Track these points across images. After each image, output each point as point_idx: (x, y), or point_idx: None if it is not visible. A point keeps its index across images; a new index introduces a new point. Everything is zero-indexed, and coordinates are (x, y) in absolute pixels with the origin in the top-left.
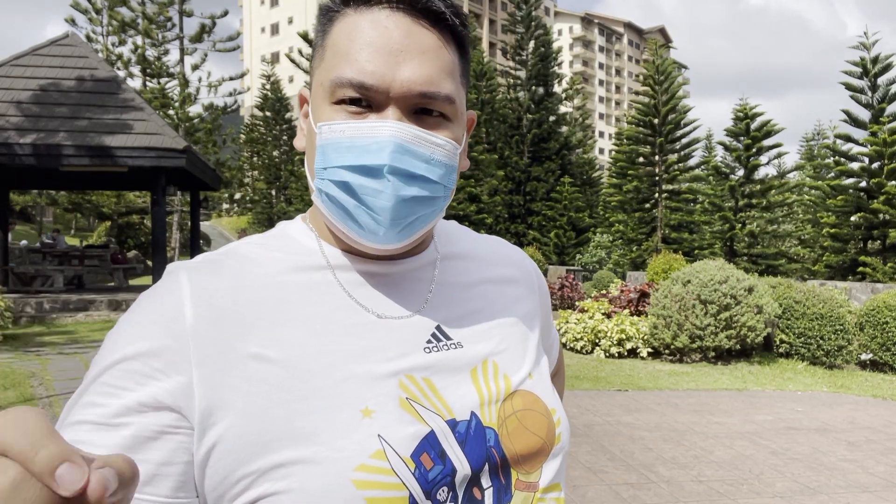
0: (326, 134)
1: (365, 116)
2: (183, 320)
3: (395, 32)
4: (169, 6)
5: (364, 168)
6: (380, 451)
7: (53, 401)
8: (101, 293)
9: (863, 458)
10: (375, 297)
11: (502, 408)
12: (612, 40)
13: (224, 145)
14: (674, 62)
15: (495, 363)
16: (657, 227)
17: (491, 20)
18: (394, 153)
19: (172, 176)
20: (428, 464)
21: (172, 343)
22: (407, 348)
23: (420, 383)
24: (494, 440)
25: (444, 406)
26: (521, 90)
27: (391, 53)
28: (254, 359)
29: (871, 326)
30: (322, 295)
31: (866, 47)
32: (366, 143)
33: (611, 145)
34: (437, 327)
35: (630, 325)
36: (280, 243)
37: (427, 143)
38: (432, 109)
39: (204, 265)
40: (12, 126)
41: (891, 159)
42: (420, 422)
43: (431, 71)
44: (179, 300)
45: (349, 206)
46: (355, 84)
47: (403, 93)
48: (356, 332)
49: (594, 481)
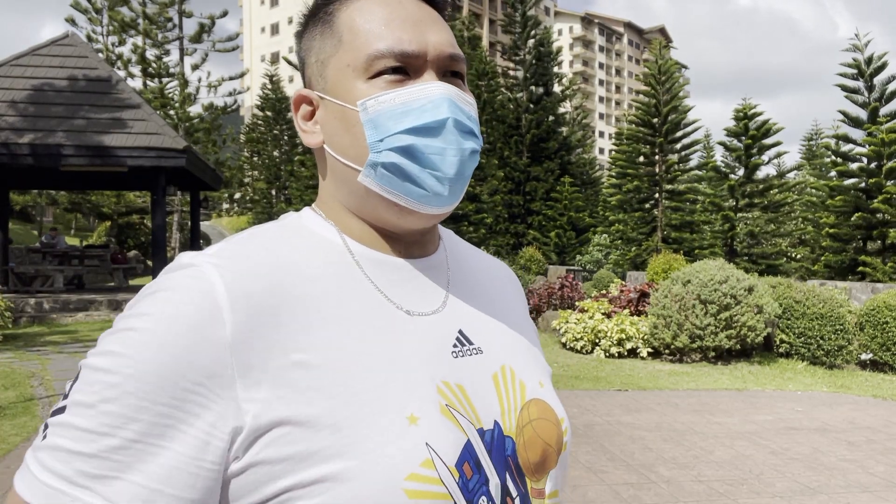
0: (375, 106)
1: (404, 83)
2: (223, 328)
3: (408, 6)
4: (169, 6)
5: (426, 128)
6: (428, 461)
7: (53, 401)
8: (101, 293)
9: (863, 458)
10: (404, 293)
11: (520, 416)
12: (612, 40)
13: (224, 145)
14: (676, 62)
15: (512, 369)
16: (657, 227)
17: (491, 20)
18: (451, 107)
19: (172, 176)
20: (468, 473)
21: (215, 355)
22: (438, 352)
23: (454, 389)
24: (511, 449)
25: (474, 414)
26: (520, 90)
27: (416, 23)
28: (297, 366)
29: (871, 326)
30: (353, 291)
31: (859, 48)
32: (421, 104)
33: (611, 145)
34: (459, 331)
35: (630, 325)
36: (301, 237)
37: (465, 101)
38: (457, 72)
39: (231, 259)
40: (12, 126)
41: (889, 159)
42: (459, 430)
43: (450, 36)
44: (215, 303)
45: (413, 171)
46: (396, 53)
47: (437, 55)
48: (390, 331)
49: (594, 481)
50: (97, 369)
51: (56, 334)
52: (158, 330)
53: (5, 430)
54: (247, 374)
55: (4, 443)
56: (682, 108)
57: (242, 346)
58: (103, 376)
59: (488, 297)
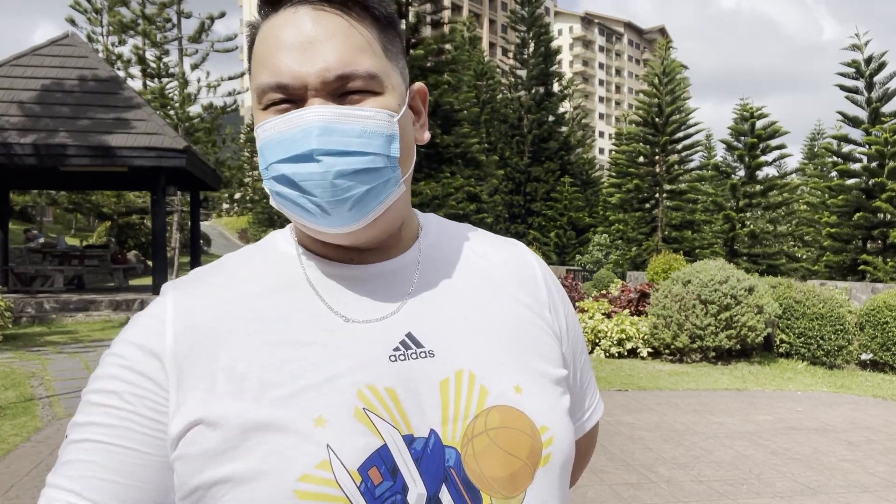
0: (261, 135)
1: (288, 112)
2: (163, 340)
3: (302, 26)
4: (168, 7)
5: (296, 157)
6: (325, 462)
7: (53, 401)
8: (101, 293)
9: (863, 458)
10: (348, 300)
11: (471, 425)
12: (612, 40)
13: (224, 145)
14: (679, 63)
15: (472, 374)
16: (657, 227)
17: (491, 20)
18: (320, 136)
19: (172, 176)
20: (376, 478)
21: (155, 363)
22: (371, 356)
23: (381, 394)
24: (455, 460)
25: (403, 420)
26: (522, 90)
27: (300, 48)
28: (222, 372)
29: (871, 326)
30: (295, 302)
31: (859, 48)
32: (292, 134)
33: (611, 145)
34: (407, 334)
35: (630, 325)
36: (264, 254)
37: (354, 118)
38: (357, 88)
39: (189, 283)
40: (13, 126)
41: (892, 158)
42: (374, 434)
43: (343, 53)
44: (162, 321)
45: (294, 197)
46: (273, 86)
47: (319, 81)
48: (321, 338)
49: (594, 481)
50: (90, 391)
51: (56, 334)
52: (124, 350)
53: (5, 430)
54: (181, 380)
55: (4, 443)
56: (685, 109)
57: (178, 357)
58: (95, 397)
59: (468, 298)
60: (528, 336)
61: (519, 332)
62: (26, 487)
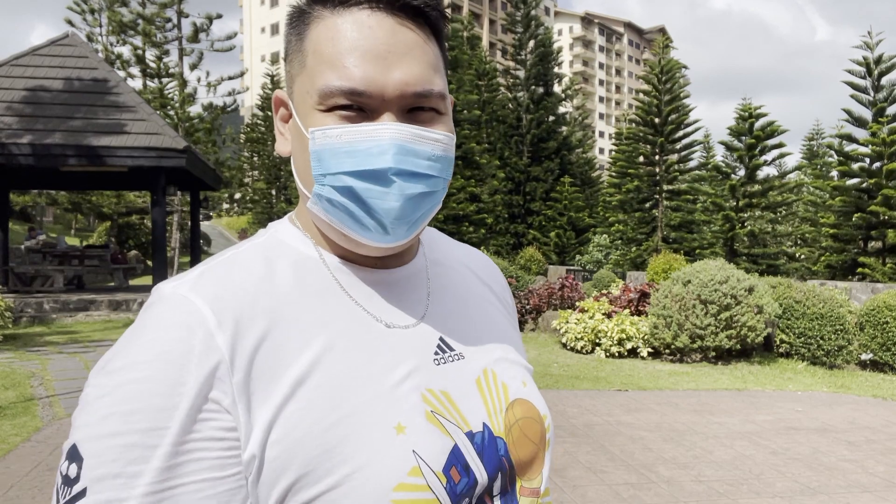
0: (321, 139)
1: (359, 120)
2: (220, 353)
3: (380, 33)
4: (168, 7)
5: (369, 173)
6: (416, 468)
7: (53, 401)
8: (101, 293)
9: (863, 458)
10: (382, 305)
11: (506, 417)
12: (612, 40)
13: (224, 145)
14: (677, 62)
15: (494, 372)
16: (657, 227)
17: (491, 20)
18: (397, 155)
19: (172, 176)
20: (456, 477)
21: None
22: (420, 361)
23: (439, 396)
24: (504, 449)
25: (461, 418)
26: (521, 90)
27: (379, 56)
28: (290, 388)
29: (871, 326)
30: (334, 308)
31: (870, 47)
32: (367, 147)
33: (611, 145)
34: (440, 339)
35: (630, 325)
36: (279, 253)
37: (427, 141)
38: (426, 107)
39: (212, 288)
40: (12, 126)
41: (890, 160)
42: (446, 435)
43: (422, 69)
44: (209, 332)
45: (355, 210)
46: (346, 91)
47: (398, 96)
48: (372, 345)
49: (594, 481)
50: (113, 434)
51: (56, 334)
52: (156, 377)
53: (5, 430)
54: (248, 397)
55: (4, 443)
56: (684, 108)
57: (240, 371)
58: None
59: (468, 301)
60: (512, 334)
61: (507, 330)
62: (26, 487)
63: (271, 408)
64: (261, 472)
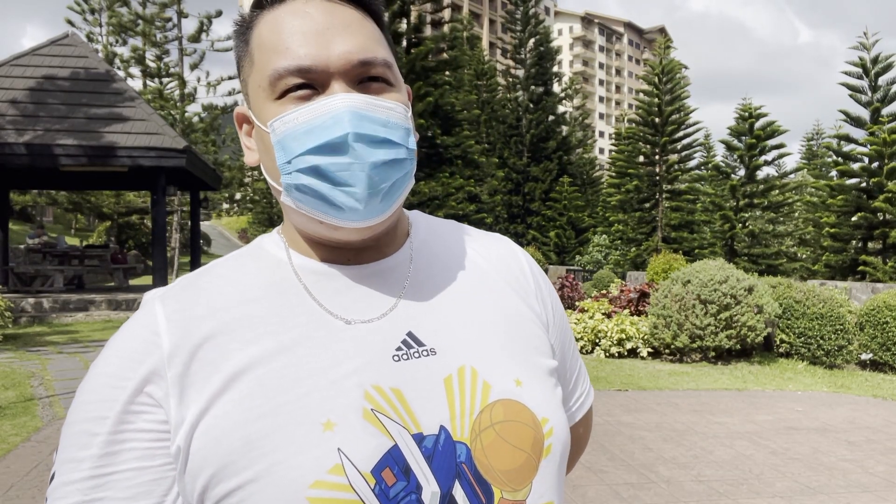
0: (280, 127)
1: (311, 99)
2: (160, 351)
3: (317, 15)
4: (168, 7)
5: (328, 145)
6: (338, 466)
7: (53, 401)
8: (101, 293)
9: (863, 458)
10: (345, 301)
11: (478, 420)
12: (612, 40)
13: (224, 145)
14: (678, 62)
15: (474, 370)
16: (657, 227)
17: (491, 20)
18: (353, 120)
19: (172, 176)
20: (390, 479)
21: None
22: (375, 357)
23: (388, 394)
24: (466, 456)
25: (411, 419)
26: (520, 90)
27: (319, 33)
28: (225, 382)
29: (871, 326)
30: (292, 307)
31: (866, 47)
32: (322, 121)
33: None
34: (408, 333)
35: (630, 325)
36: (253, 258)
37: (381, 108)
38: (375, 76)
39: (178, 292)
40: (12, 126)
41: (891, 159)
42: (384, 435)
43: (362, 39)
44: (156, 333)
45: (324, 190)
46: (293, 70)
47: (343, 65)
48: (324, 341)
49: (594, 481)
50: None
51: (56, 334)
52: (110, 372)
53: (5, 430)
54: (182, 395)
55: (4, 443)
56: (685, 108)
57: (178, 367)
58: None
59: (461, 292)
60: (522, 329)
61: (514, 325)
62: (26, 487)
63: (203, 400)
64: (186, 464)
